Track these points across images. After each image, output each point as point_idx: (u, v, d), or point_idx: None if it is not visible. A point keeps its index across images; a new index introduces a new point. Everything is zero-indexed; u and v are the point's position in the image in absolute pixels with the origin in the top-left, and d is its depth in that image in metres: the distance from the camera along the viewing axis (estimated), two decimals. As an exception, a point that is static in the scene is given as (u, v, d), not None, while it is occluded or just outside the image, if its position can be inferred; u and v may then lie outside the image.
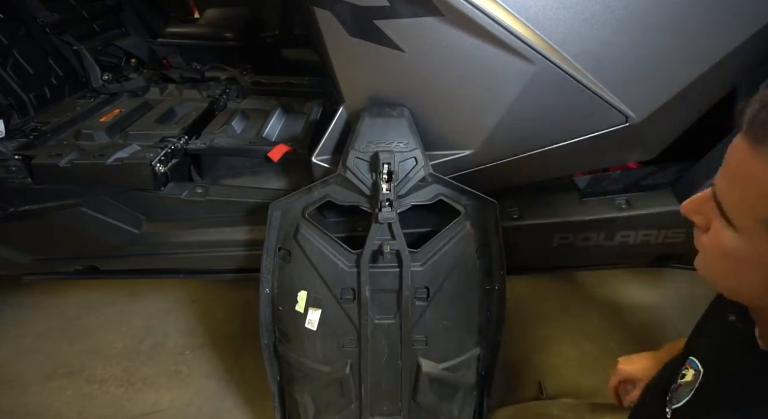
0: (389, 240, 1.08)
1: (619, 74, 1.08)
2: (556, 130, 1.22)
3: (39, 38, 1.79)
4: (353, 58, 1.13)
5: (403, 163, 1.09)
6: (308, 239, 1.13)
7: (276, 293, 1.21)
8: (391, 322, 1.15)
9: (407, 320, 1.14)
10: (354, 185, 1.10)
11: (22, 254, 1.51)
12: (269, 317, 1.23)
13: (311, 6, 1.06)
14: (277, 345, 1.25)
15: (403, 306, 1.13)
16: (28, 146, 1.46)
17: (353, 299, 1.13)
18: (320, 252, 1.12)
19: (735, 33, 1.03)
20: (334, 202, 1.13)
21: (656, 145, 1.29)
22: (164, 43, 2.19)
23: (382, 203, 1.05)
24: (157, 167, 1.36)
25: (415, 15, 1.00)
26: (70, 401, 1.59)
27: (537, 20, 1.00)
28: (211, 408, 1.56)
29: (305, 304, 1.15)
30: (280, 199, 1.17)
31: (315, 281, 1.14)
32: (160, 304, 1.97)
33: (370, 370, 1.19)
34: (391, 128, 1.11)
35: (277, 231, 1.18)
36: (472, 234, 1.13)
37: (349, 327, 1.15)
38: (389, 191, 1.05)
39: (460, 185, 1.14)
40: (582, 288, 2.01)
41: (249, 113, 1.73)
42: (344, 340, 1.17)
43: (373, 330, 1.15)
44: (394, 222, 1.07)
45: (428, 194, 1.13)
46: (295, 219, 1.15)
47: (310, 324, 1.15)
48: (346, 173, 1.09)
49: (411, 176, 1.10)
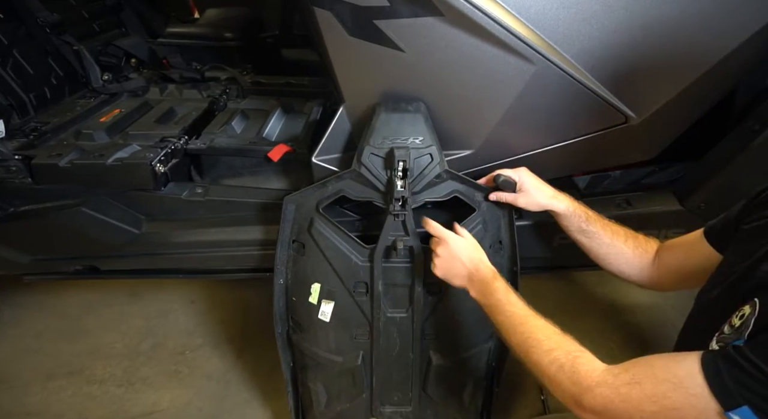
0: (403, 236, 1.08)
1: (619, 74, 1.08)
2: (556, 130, 1.22)
3: (39, 38, 1.78)
4: (353, 58, 1.13)
5: (419, 159, 1.08)
6: (322, 233, 1.13)
7: (290, 285, 1.22)
8: (403, 316, 1.16)
9: (419, 314, 1.14)
10: (368, 181, 1.10)
11: (22, 254, 1.51)
12: (283, 307, 1.25)
13: (311, 6, 1.06)
14: (291, 334, 1.27)
15: (416, 301, 1.13)
16: (28, 146, 1.46)
17: (366, 292, 1.14)
18: (334, 246, 1.13)
19: (735, 33, 1.03)
20: (348, 197, 1.13)
21: (656, 145, 1.29)
22: (164, 43, 2.19)
23: (397, 201, 1.05)
24: (157, 167, 1.36)
25: (415, 15, 1.00)
26: (70, 401, 1.59)
27: (537, 20, 1.00)
28: (211, 408, 1.56)
29: (318, 296, 1.16)
30: (294, 193, 1.17)
31: (328, 274, 1.14)
32: (160, 304, 1.97)
33: (382, 362, 1.20)
34: (407, 124, 1.10)
35: (291, 224, 1.19)
36: (486, 231, 1.13)
37: (361, 319, 1.16)
38: (404, 188, 1.05)
39: (475, 182, 1.14)
40: (582, 288, 2.01)
41: (249, 113, 1.73)
42: (356, 332, 1.18)
43: (386, 323, 1.16)
44: (408, 218, 1.08)
45: (443, 191, 1.13)
46: (309, 213, 1.16)
47: (323, 316, 1.16)
48: (361, 168, 1.09)
49: (426, 172, 1.09)
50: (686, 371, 0.57)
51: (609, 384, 0.63)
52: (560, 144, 1.22)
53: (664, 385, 0.58)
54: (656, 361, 0.61)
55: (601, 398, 0.63)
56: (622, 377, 0.62)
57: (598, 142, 1.21)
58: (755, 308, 0.57)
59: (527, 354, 0.74)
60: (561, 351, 0.70)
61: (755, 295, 0.58)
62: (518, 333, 0.78)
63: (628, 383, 0.61)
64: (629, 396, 0.60)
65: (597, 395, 0.63)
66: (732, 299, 0.63)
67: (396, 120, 1.10)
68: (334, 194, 1.14)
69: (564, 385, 0.67)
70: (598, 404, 0.63)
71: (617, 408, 0.61)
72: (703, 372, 0.55)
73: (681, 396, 0.56)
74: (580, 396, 0.65)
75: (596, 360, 0.68)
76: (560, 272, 1.99)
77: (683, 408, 0.56)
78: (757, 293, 0.58)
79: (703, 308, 0.75)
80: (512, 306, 0.82)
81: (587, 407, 0.64)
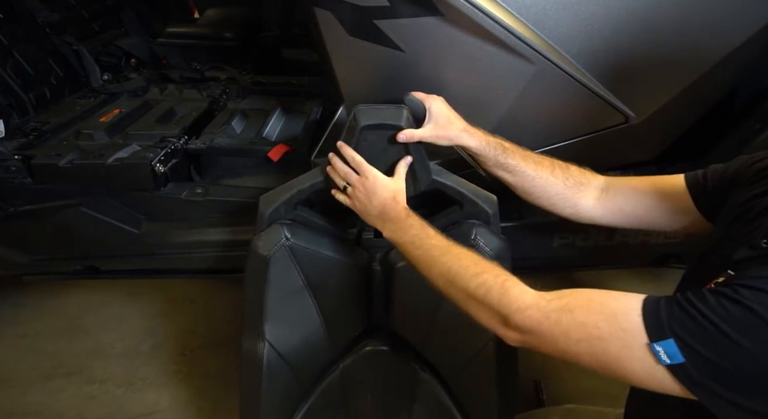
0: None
1: (619, 74, 1.07)
2: (556, 130, 1.22)
3: (39, 38, 1.79)
4: (353, 58, 1.13)
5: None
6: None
7: None
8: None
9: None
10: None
11: (22, 254, 1.52)
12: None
13: (311, 6, 1.06)
14: None
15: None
16: (28, 146, 1.46)
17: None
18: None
19: (735, 33, 1.03)
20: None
21: (656, 145, 1.29)
22: (164, 43, 2.19)
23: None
24: (157, 167, 1.36)
25: (415, 15, 1.00)
26: (70, 401, 1.59)
27: (537, 20, 1.00)
28: (211, 408, 1.56)
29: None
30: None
31: None
32: (160, 304, 1.97)
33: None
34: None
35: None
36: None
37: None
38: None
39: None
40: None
41: (249, 113, 1.73)
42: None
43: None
44: None
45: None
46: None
47: None
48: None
49: None
50: (623, 308, 0.57)
51: (540, 307, 0.62)
52: (560, 144, 1.22)
53: (595, 316, 0.58)
54: (594, 295, 0.61)
55: (529, 320, 0.62)
56: (555, 303, 0.62)
57: (598, 142, 1.21)
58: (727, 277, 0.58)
59: (452, 282, 0.72)
60: (489, 274, 0.69)
61: (731, 268, 0.59)
62: (440, 263, 0.74)
63: (559, 309, 0.61)
64: (559, 321, 0.60)
65: (526, 317, 0.62)
66: (713, 275, 0.62)
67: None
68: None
69: (492, 306, 0.66)
70: (525, 325, 0.63)
71: (544, 331, 0.61)
72: (643, 307, 0.55)
73: (610, 328, 0.56)
74: (508, 316, 0.64)
75: (525, 286, 0.67)
76: (560, 272, 1.98)
77: (609, 340, 0.56)
78: (733, 268, 0.59)
79: (686, 282, 0.74)
80: (431, 239, 0.79)
81: (513, 325, 0.64)
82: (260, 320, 1.05)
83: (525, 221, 1.36)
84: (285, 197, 1.04)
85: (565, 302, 0.61)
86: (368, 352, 1.17)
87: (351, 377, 1.19)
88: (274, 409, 1.12)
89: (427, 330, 1.09)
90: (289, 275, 1.04)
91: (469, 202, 1.07)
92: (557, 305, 0.62)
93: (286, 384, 1.12)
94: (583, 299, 0.61)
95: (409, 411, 1.19)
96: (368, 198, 0.90)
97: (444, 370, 1.15)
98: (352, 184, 0.92)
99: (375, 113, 0.93)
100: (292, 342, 1.09)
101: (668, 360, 0.52)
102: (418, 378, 1.18)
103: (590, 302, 0.60)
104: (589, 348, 0.58)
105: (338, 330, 1.14)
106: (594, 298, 0.60)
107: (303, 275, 1.06)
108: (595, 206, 0.88)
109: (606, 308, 0.58)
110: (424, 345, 1.13)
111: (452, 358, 1.12)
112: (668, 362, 0.52)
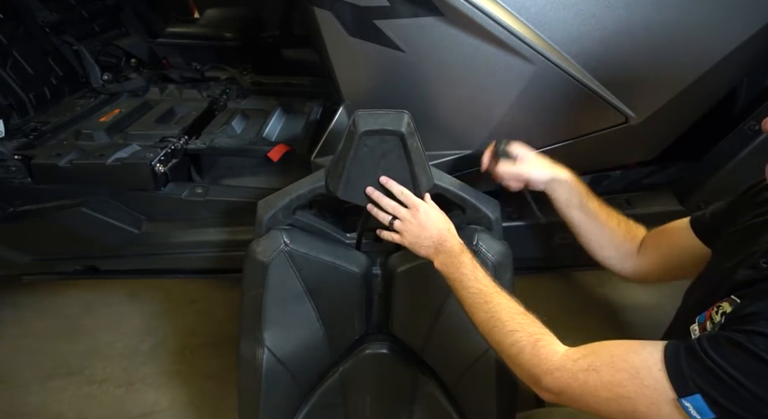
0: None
1: (619, 74, 1.08)
2: (556, 130, 1.22)
3: (39, 38, 1.78)
4: (353, 58, 1.13)
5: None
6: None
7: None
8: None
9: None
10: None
11: (22, 254, 1.51)
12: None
13: (311, 6, 1.06)
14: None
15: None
16: (28, 146, 1.46)
17: None
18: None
19: (735, 33, 1.03)
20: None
21: (656, 145, 1.29)
22: (164, 43, 2.19)
23: None
24: (157, 167, 1.36)
25: (415, 15, 1.00)
26: (70, 401, 1.59)
27: (537, 20, 1.00)
28: (211, 408, 1.56)
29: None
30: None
31: None
32: (160, 304, 1.97)
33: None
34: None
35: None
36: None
37: None
38: None
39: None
40: (582, 288, 2.00)
41: (249, 113, 1.73)
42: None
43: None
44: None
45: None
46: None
47: None
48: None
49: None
50: (643, 362, 0.58)
51: (567, 369, 0.64)
52: (560, 144, 1.22)
53: (620, 374, 0.59)
54: (616, 349, 0.62)
55: (559, 382, 0.64)
56: (580, 363, 0.63)
57: (598, 142, 1.21)
58: (733, 305, 0.59)
59: (490, 334, 0.74)
60: (523, 332, 0.71)
61: (733, 294, 0.60)
62: (483, 311, 0.77)
63: (585, 369, 0.62)
64: (586, 382, 0.61)
65: (555, 378, 0.64)
66: (714, 299, 0.63)
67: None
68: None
69: (524, 367, 0.68)
70: (555, 387, 0.64)
71: (574, 392, 0.63)
72: (664, 359, 0.56)
73: (635, 386, 0.57)
74: (539, 378, 0.66)
75: (557, 341, 0.69)
76: (560, 272, 1.98)
77: (636, 398, 0.57)
78: (735, 292, 0.60)
79: (688, 307, 0.76)
80: (478, 282, 0.80)
81: (545, 388, 0.66)
82: (259, 326, 1.04)
83: (525, 221, 1.36)
84: (284, 202, 1.04)
85: (590, 361, 0.63)
86: (368, 355, 1.17)
87: (350, 380, 1.18)
88: (273, 413, 1.12)
89: (428, 333, 1.09)
90: (288, 281, 1.03)
91: (471, 207, 1.06)
92: (583, 364, 0.63)
93: (286, 389, 1.12)
94: (606, 355, 0.62)
95: (408, 415, 1.19)
96: (422, 229, 0.90)
97: (444, 374, 1.14)
98: (402, 217, 0.92)
99: (374, 118, 0.92)
100: (291, 348, 1.08)
101: (699, 416, 0.53)
102: (418, 381, 1.17)
103: (613, 357, 0.61)
104: (618, 407, 0.59)
105: (338, 335, 1.13)
106: (616, 353, 0.61)
107: (302, 280, 1.05)
108: (638, 259, 0.94)
109: (628, 365, 0.59)
110: (424, 348, 1.12)
111: (452, 362, 1.11)
112: (699, 418, 0.53)
